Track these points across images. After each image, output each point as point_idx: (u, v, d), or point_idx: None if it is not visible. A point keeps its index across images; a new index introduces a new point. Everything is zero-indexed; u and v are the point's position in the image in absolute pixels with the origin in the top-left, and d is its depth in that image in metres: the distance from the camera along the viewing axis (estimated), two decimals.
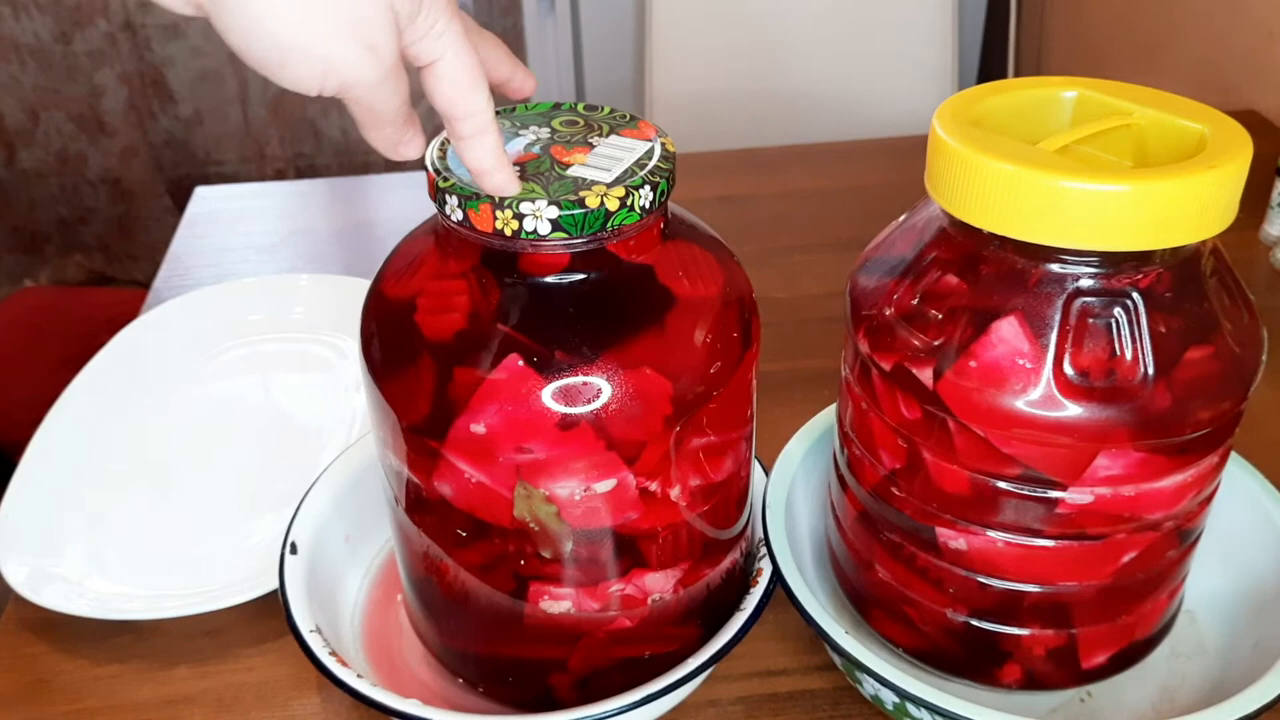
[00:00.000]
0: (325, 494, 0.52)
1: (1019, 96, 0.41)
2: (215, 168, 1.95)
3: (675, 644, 0.45)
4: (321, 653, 0.44)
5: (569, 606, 0.42)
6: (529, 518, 0.40)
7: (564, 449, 0.38)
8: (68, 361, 0.72)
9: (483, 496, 0.40)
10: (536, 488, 0.39)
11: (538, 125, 0.41)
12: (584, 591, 0.42)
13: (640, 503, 0.40)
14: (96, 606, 0.53)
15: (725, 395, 0.40)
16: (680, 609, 0.44)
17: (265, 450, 0.67)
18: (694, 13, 1.42)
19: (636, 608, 0.43)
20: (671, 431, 0.39)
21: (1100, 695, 0.47)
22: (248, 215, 0.98)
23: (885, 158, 1.02)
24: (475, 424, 0.38)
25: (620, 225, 0.37)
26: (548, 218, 0.36)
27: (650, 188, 0.37)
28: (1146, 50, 1.30)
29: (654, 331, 0.39)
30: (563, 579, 0.42)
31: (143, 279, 1.98)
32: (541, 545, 0.41)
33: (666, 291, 0.40)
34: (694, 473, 0.41)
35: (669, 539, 0.42)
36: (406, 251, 0.42)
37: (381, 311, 0.41)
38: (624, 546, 0.41)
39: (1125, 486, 0.38)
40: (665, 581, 0.43)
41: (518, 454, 0.38)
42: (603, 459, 0.38)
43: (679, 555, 0.43)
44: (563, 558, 0.41)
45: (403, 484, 0.42)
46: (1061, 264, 0.36)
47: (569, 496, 0.39)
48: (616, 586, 0.42)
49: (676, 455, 0.40)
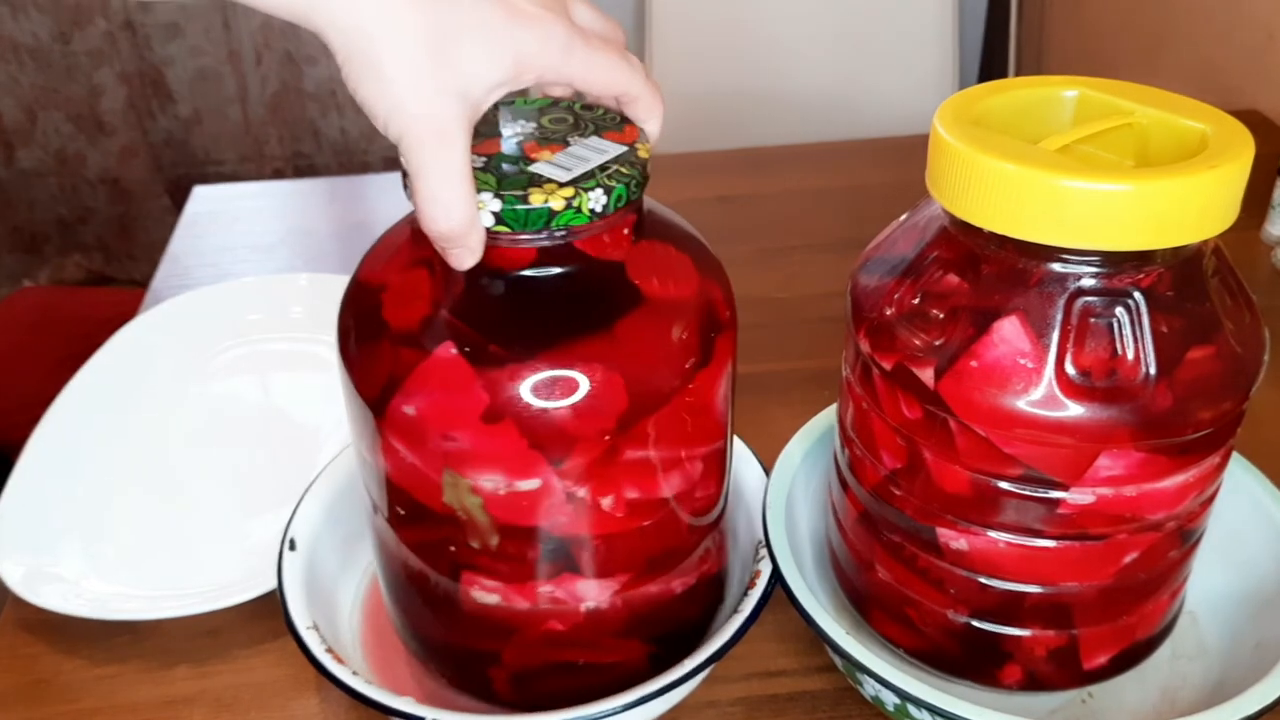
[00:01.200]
0: (325, 492, 0.52)
1: (1020, 96, 0.41)
2: (214, 167, 1.95)
3: (617, 656, 0.45)
4: (318, 650, 0.44)
5: (499, 600, 0.42)
6: (457, 506, 0.40)
7: (487, 442, 0.38)
8: (66, 361, 0.71)
9: (415, 478, 0.40)
10: (463, 477, 0.39)
11: (526, 120, 0.42)
12: (513, 588, 0.42)
13: (568, 507, 0.40)
14: (94, 606, 0.53)
15: (674, 409, 0.39)
16: (620, 622, 0.44)
17: (264, 450, 0.67)
18: (694, 13, 1.42)
19: (568, 613, 0.43)
20: (603, 439, 0.38)
21: (1101, 696, 0.47)
22: (247, 215, 0.98)
23: (885, 158, 1.02)
24: (407, 405, 0.38)
25: (568, 225, 0.37)
26: (490, 210, 0.36)
27: (604, 191, 0.37)
28: (1147, 50, 1.30)
29: (599, 337, 0.38)
30: (492, 571, 0.42)
31: (141, 279, 1.98)
32: (470, 535, 0.41)
33: (623, 298, 0.39)
34: (633, 485, 0.40)
35: (602, 548, 0.41)
36: (387, 239, 0.43)
37: (354, 290, 0.42)
38: (554, 549, 0.41)
39: (1127, 487, 0.38)
40: (600, 591, 0.42)
41: (444, 440, 0.38)
42: (526, 458, 0.38)
43: (615, 566, 0.42)
44: (490, 550, 0.41)
45: (359, 454, 0.43)
46: (1063, 263, 0.36)
47: (494, 490, 0.39)
48: (546, 588, 0.42)
49: (611, 464, 0.39)
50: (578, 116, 0.42)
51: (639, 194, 0.38)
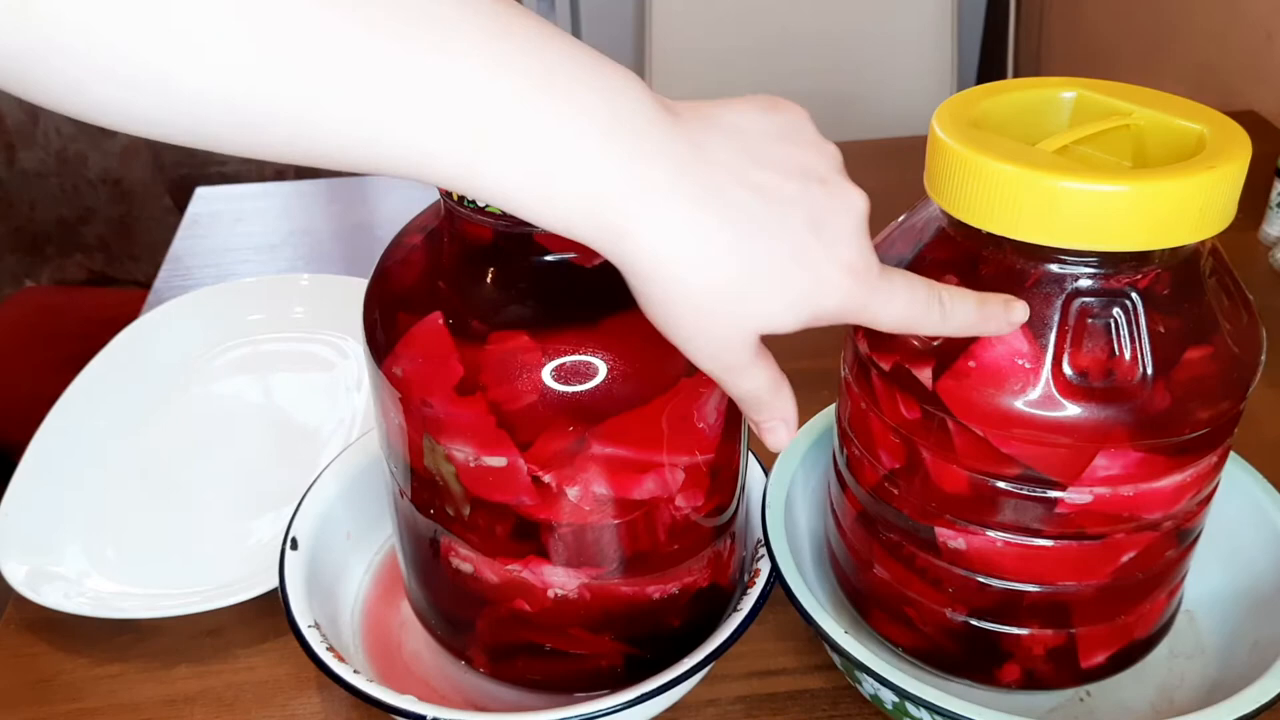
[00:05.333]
0: (327, 490, 0.53)
1: (1018, 97, 0.41)
2: (216, 168, 1.95)
3: (586, 649, 0.45)
4: (319, 648, 0.44)
5: (472, 570, 0.43)
6: (435, 471, 0.41)
7: (458, 413, 0.39)
8: (68, 361, 0.72)
9: (402, 438, 0.42)
10: (439, 444, 0.40)
11: None
12: (484, 560, 0.43)
13: (534, 490, 0.40)
14: (96, 605, 0.53)
15: (650, 413, 0.39)
16: (589, 615, 0.44)
17: (265, 450, 0.67)
18: (694, 13, 1.42)
19: (535, 595, 0.43)
20: (569, 430, 0.39)
21: (1099, 695, 0.47)
22: (248, 215, 0.98)
23: (885, 158, 1.02)
24: (395, 367, 0.40)
25: None
26: None
27: None
28: (1146, 51, 1.30)
29: (584, 329, 0.38)
30: (465, 541, 0.43)
31: (143, 279, 1.98)
32: (445, 501, 0.42)
33: (619, 296, 0.39)
34: (600, 481, 0.40)
35: (570, 537, 0.42)
36: (427, 210, 0.44)
37: (384, 256, 0.43)
38: (522, 529, 0.41)
39: (1124, 486, 0.38)
40: (567, 579, 0.43)
41: (422, 406, 0.39)
42: (494, 435, 0.39)
43: (583, 558, 0.42)
44: (463, 519, 0.42)
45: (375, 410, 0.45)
46: (1060, 264, 0.36)
47: (464, 461, 0.40)
48: (513, 566, 0.43)
49: (579, 456, 0.39)
50: None
51: None
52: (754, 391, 0.34)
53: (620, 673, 0.45)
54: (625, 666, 0.46)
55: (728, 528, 0.47)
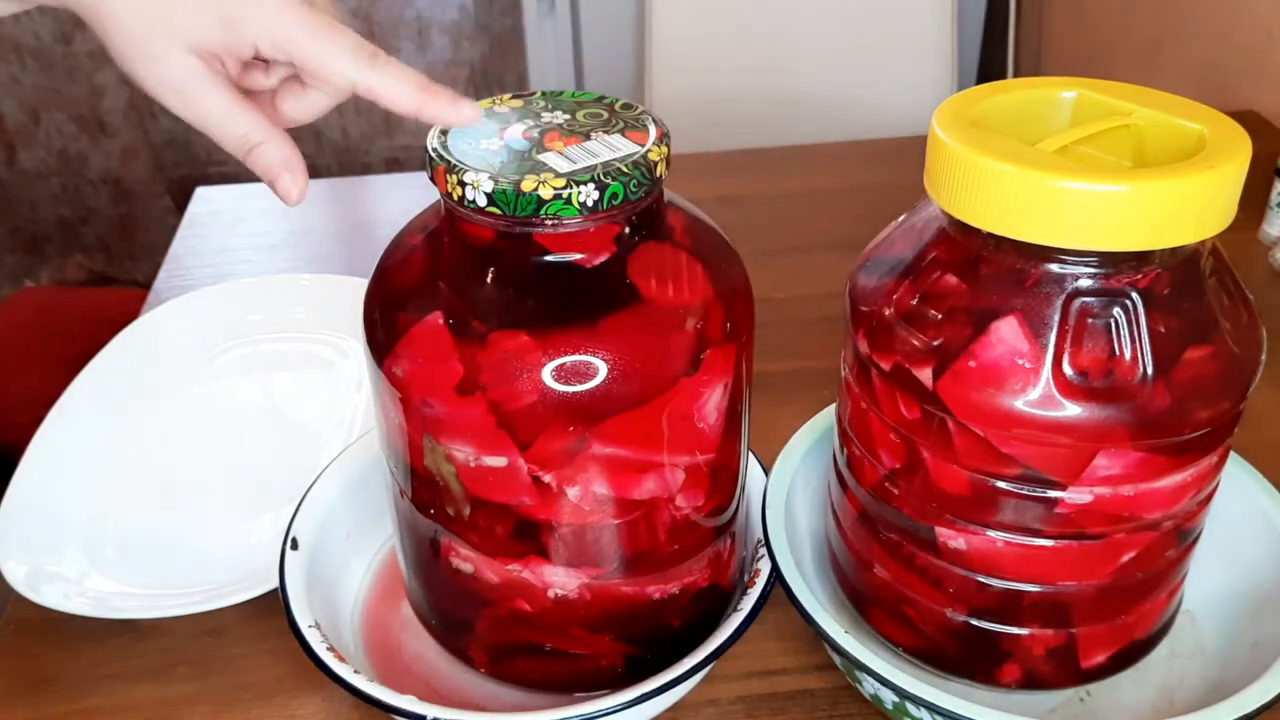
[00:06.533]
0: (328, 490, 0.53)
1: (1018, 97, 0.41)
2: (216, 168, 1.95)
3: (586, 649, 0.45)
4: (319, 648, 0.44)
5: (472, 570, 0.43)
6: (435, 471, 0.41)
7: (458, 413, 0.39)
8: (68, 361, 0.72)
9: (402, 438, 0.42)
10: (439, 444, 0.40)
11: (564, 111, 0.42)
12: (484, 560, 0.43)
13: (534, 490, 0.40)
14: (96, 605, 0.53)
15: (649, 413, 0.39)
16: (589, 615, 0.44)
17: (265, 450, 0.67)
18: (694, 13, 1.42)
19: (535, 595, 0.43)
20: (569, 430, 0.39)
21: (1099, 695, 0.47)
22: (248, 215, 0.98)
23: (885, 158, 1.02)
24: (396, 367, 0.40)
25: (558, 215, 0.37)
26: (484, 191, 0.37)
27: (597, 187, 0.37)
28: (1146, 50, 1.30)
29: (583, 329, 0.38)
30: (466, 540, 0.43)
31: (143, 279, 1.98)
32: (445, 501, 0.42)
33: (616, 295, 0.39)
34: (600, 481, 0.40)
35: (570, 537, 0.42)
36: (422, 217, 0.44)
37: (384, 256, 0.44)
38: (522, 530, 0.41)
39: (1124, 486, 0.38)
40: (567, 579, 0.43)
41: (422, 406, 0.39)
42: (494, 435, 0.39)
43: (584, 558, 0.42)
44: (463, 519, 0.42)
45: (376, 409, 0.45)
46: (1061, 264, 0.36)
47: (465, 461, 0.40)
48: (514, 566, 0.43)
49: (579, 456, 0.39)
50: (613, 114, 0.42)
51: (640, 195, 0.38)
52: (220, 119, 0.41)
53: (620, 673, 0.45)
54: (625, 666, 0.46)
55: (728, 528, 0.47)
